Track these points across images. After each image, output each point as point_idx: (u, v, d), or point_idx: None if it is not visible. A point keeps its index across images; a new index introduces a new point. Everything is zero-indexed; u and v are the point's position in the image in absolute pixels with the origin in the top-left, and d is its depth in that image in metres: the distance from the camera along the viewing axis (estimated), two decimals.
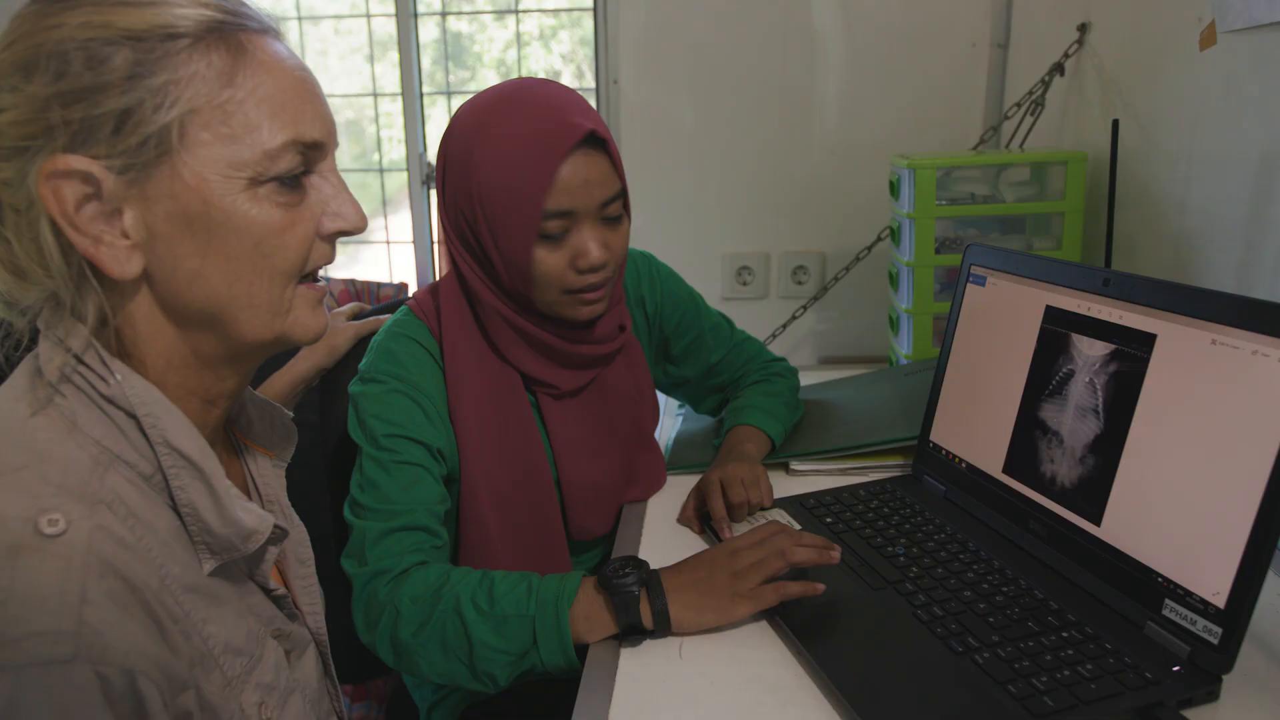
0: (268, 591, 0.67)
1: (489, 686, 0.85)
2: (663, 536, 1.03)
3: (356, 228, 0.64)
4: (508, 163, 0.89)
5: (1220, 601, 0.71)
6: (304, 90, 0.60)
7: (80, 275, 0.56)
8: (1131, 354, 0.82)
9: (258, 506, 0.64)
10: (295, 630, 0.70)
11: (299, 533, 0.78)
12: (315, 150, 0.61)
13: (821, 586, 0.83)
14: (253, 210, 0.58)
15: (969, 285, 1.05)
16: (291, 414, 0.77)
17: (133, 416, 0.58)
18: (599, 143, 0.91)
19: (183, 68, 0.55)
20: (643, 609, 0.81)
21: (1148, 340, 0.80)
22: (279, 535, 0.65)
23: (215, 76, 0.56)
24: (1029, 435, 0.93)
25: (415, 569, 0.89)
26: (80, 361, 0.57)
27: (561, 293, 0.94)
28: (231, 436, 0.74)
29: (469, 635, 0.83)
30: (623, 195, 0.94)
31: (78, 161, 0.53)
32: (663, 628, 0.81)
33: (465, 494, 0.98)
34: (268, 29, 0.60)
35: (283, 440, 0.76)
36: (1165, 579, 0.76)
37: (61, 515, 0.52)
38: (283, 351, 0.65)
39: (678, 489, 1.13)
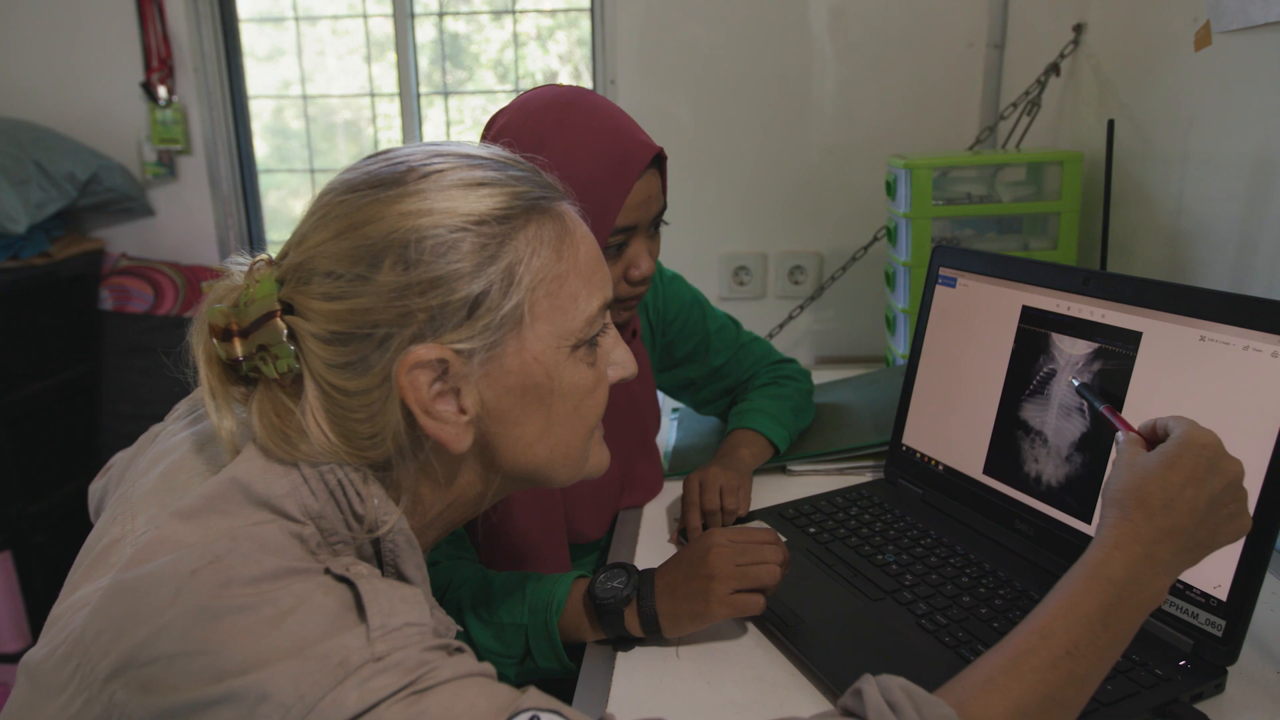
0: None
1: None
2: (659, 542, 1.03)
3: (633, 375, 0.66)
4: (581, 178, 0.84)
5: (1221, 594, 0.72)
6: (599, 251, 0.62)
7: (416, 447, 0.57)
8: (1116, 351, 0.82)
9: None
10: None
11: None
12: (608, 306, 0.63)
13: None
14: (574, 375, 0.60)
15: (938, 287, 1.05)
16: None
17: (374, 540, 0.57)
18: (659, 160, 0.94)
19: (523, 247, 0.56)
20: (629, 619, 0.81)
21: (1133, 338, 0.81)
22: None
23: (548, 251, 0.57)
24: (1010, 435, 0.93)
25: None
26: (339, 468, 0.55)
27: None
28: None
29: (473, 640, 0.85)
30: (666, 207, 0.98)
31: (435, 350, 0.54)
32: (653, 635, 0.81)
33: None
34: (565, 196, 0.62)
35: None
36: None
37: None
38: None
39: (676, 495, 1.13)
